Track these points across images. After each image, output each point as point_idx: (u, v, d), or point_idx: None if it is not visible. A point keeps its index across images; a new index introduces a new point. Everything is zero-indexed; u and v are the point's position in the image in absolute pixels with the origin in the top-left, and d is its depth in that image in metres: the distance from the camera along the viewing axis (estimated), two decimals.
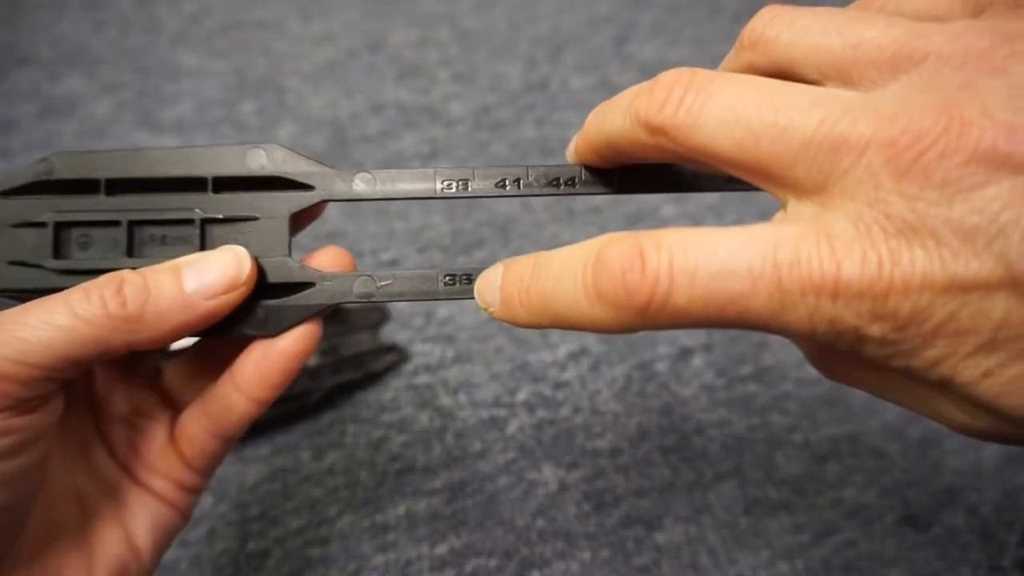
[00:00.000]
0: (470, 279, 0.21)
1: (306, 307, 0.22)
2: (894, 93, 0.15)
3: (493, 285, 0.19)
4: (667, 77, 0.17)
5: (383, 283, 0.22)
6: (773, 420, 0.41)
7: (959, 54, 0.15)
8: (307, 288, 0.22)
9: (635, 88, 0.18)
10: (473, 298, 0.21)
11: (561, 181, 0.22)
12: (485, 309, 0.20)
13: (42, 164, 0.22)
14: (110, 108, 0.54)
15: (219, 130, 0.53)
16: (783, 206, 0.16)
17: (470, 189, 0.22)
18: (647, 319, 0.15)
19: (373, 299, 0.22)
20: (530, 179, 0.22)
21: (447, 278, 0.22)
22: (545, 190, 0.22)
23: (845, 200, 0.15)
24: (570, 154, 0.22)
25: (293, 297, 0.22)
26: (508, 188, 0.22)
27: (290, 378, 0.22)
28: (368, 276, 0.22)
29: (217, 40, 0.60)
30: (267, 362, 0.22)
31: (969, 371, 0.14)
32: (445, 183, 0.22)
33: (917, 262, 0.14)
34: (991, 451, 0.40)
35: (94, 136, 0.53)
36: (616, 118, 0.18)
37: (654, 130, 0.17)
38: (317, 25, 0.62)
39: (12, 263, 0.22)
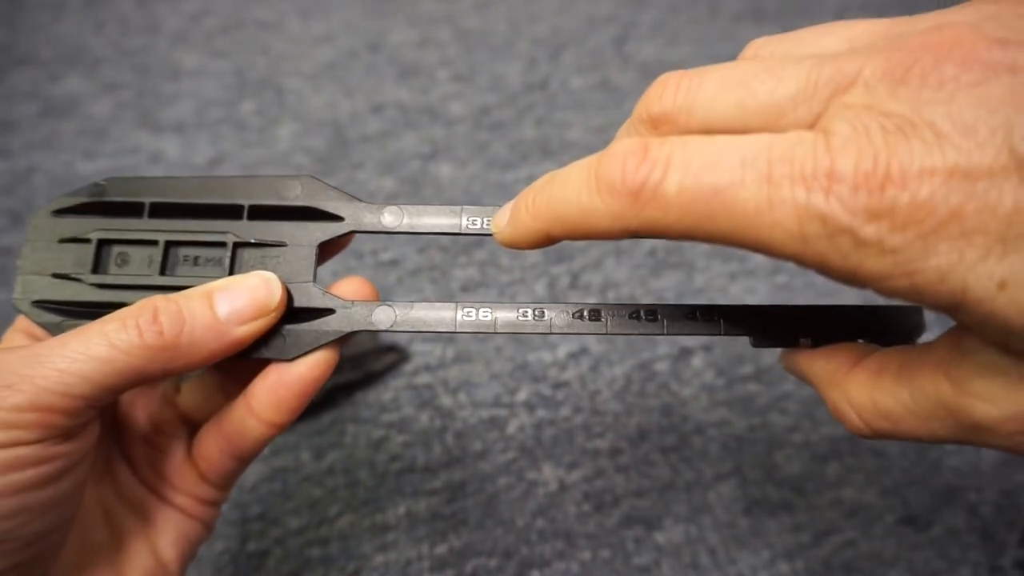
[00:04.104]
0: (489, 312, 0.22)
1: (324, 333, 0.22)
2: (882, 50, 0.15)
3: (507, 208, 0.20)
4: (658, 79, 0.17)
5: (401, 313, 0.22)
6: (773, 420, 0.41)
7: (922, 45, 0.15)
8: (327, 315, 0.22)
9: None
10: (490, 333, 0.22)
11: None
12: (495, 235, 0.20)
13: (95, 187, 0.23)
14: (110, 108, 0.54)
15: (219, 130, 0.54)
16: None
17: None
18: (637, 208, 0.15)
19: (392, 329, 0.22)
20: None
21: (466, 310, 0.22)
22: None
23: (842, 109, 0.14)
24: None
25: (313, 323, 0.22)
26: None
27: (305, 403, 0.22)
28: (387, 306, 0.22)
29: (217, 40, 0.60)
30: (283, 388, 0.22)
31: (982, 283, 0.13)
32: (471, 219, 0.22)
33: (915, 152, 0.13)
34: (991, 451, 0.40)
35: (94, 136, 0.53)
36: (621, 137, 0.19)
37: (656, 122, 0.17)
38: (317, 25, 0.62)
39: (55, 276, 0.22)
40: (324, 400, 0.40)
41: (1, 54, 0.58)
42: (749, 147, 0.14)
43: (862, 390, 0.18)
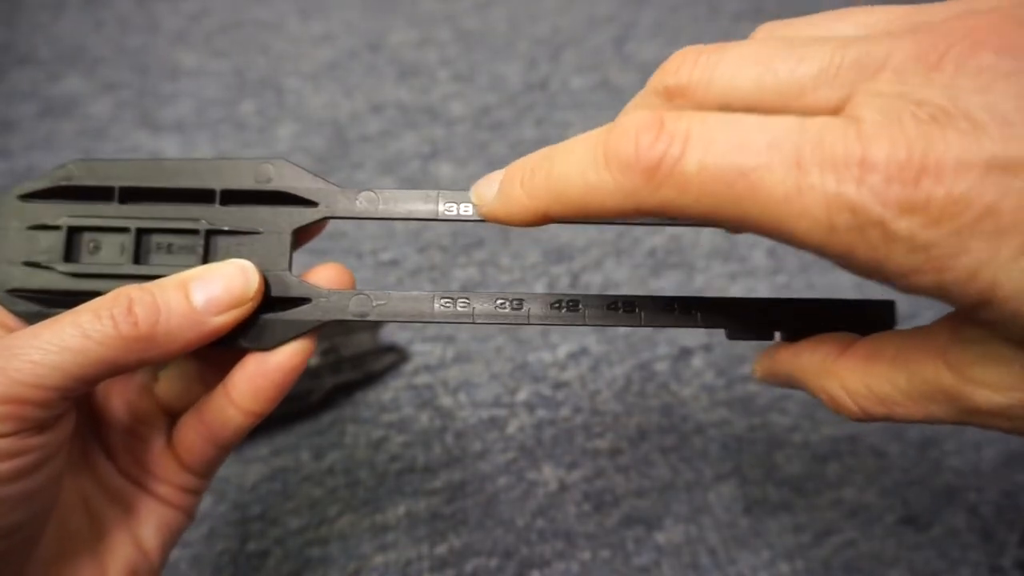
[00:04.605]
0: (467, 302, 0.22)
1: (301, 322, 0.22)
2: (912, 33, 0.14)
3: (494, 179, 0.19)
4: (677, 52, 0.17)
5: (378, 302, 0.22)
6: (773, 420, 0.41)
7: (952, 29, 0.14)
8: (304, 303, 0.22)
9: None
10: (468, 323, 0.21)
11: None
12: (477, 208, 0.20)
13: (61, 170, 0.22)
14: (110, 108, 0.54)
15: (219, 130, 0.53)
16: None
17: (472, 213, 0.22)
18: (651, 187, 0.14)
19: (368, 318, 0.22)
20: None
21: (443, 300, 0.22)
22: None
23: (871, 96, 0.14)
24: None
25: (289, 312, 0.22)
26: None
27: (284, 392, 0.22)
28: (364, 295, 0.22)
29: (217, 40, 0.60)
30: (261, 377, 0.22)
31: (1013, 279, 0.12)
32: (447, 205, 0.22)
33: (952, 143, 0.12)
34: (991, 451, 0.40)
35: (94, 136, 0.53)
36: (631, 110, 0.18)
37: (671, 94, 0.16)
38: (317, 25, 0.62)
39: (26, 263, 0.22)
40: (324, 400, 0.40)
41: (1, 54, 0.57)
42: (776, 128, 0.14)
43: (855, 376, 0.18)
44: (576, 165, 0.16)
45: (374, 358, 0.41)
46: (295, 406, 0.39)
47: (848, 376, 0.18)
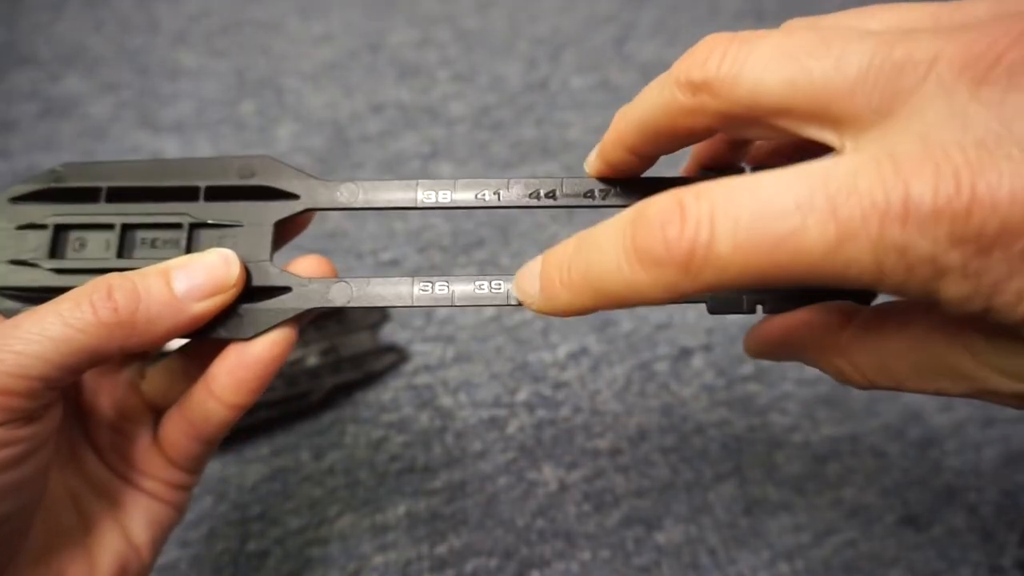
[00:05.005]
0: (446, 284, 0.22)
1: (281, 311, 0.22)
2: (959, 32, 0.13)
3: (533, 274, 0.18)
4: (707, 39, 0.16)
5: (358, 289, 0.22)
6: (773, 420, 0.41)
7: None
8: (284, 293, 0.22)
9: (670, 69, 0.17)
10: (447, 306, 0.21)
11: (541, 193, 0.22)
12: (525, 303, 0.19)
13: (51, 173, 0.23)
14: (110, 108, 0.54)
15: (219, 130, 0.53)
16: (839, 153, 0.15)
17: (451, 200, 0.22)
18: (691, 276, 0.14)
19: (349, 304, 0.22)
20: (510, 191, 0.22)
21: (423, 284, 0.22)
22: (524, 201, 0.22)
23: (912, 120, 0.13)
24: (590, 162, 0.22)
25: (269, 301, 0.22)
26: (488, 199, 0.22)
27: (266, 383, 0.22)
28: (344, 282, 0.22)
29: (217, 40, 0.60)
30: (242, 369, 0.22)
31: None
32: (426, 193, 0.22)
33: (1004, 172, 0.12)
34: (991, 451, 0.40)
35: (94, 136, 0.53)
36: (651, 95, 0.18)
37: (696, 87, 0.16)
38: (317, 25, 0.62)
39: (13, 262, 0.22)
40: (324, 400, 0.40)
41: (1, 54, 0.57)
42: (800, 184, 0.13)
43: (864, 353, 0.17)
44: (610, 262, 0.15)
45: (374, 358, 0.41)
46: (295, 406, 0.39)
47: (857, 352, 0.17)
